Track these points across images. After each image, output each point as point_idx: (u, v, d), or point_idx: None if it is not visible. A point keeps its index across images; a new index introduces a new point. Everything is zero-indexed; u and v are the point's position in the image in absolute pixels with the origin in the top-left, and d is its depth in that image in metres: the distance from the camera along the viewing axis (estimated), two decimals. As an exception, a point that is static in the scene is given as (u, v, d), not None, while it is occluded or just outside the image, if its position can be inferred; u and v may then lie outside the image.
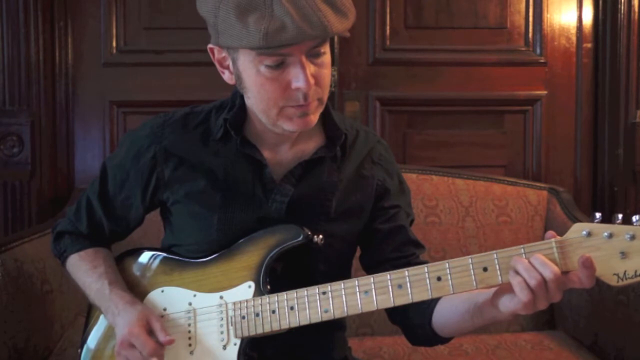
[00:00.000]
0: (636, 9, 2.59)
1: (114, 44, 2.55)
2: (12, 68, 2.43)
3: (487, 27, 2.65)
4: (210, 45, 1.34)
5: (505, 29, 2.66)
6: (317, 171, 1.41)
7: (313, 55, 1.26)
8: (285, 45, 1.19)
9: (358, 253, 1.52)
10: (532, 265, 1.13)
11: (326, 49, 1.29)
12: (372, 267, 1.44)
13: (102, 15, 2.53)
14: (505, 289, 1.18)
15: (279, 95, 1.27)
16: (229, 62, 1.33)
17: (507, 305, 1.17)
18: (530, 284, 1.12)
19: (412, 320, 1.40)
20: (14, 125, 2.43)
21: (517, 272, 1.14)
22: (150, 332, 1.33)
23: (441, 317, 1.35)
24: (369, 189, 1.46)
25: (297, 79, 1.24)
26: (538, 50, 2.67)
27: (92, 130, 2.56)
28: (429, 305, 1.36)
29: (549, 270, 1.12)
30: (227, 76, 1.36)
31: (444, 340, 1.40)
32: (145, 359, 1.30)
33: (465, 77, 2.64)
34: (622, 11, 2.59)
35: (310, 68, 1.25)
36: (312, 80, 1.25)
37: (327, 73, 1.30)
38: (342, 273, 1.45)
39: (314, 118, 1.32)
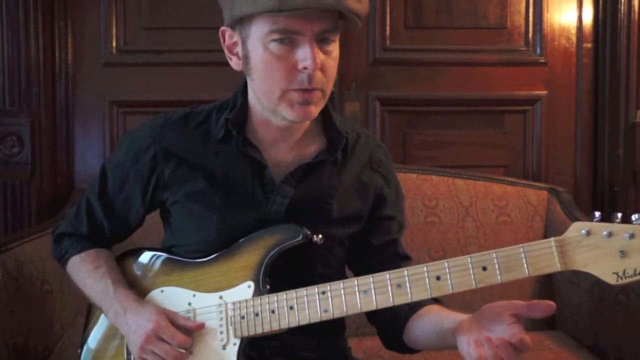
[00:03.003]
0: (636, 9, 2.59)
1: (114, 44, 2.55)
2: (12, 68, 2.43)
3: (487, 27, 2.65)
4: (222, 28, 1.35)
5: (505, 29, 2.66)
6: (317, 174, 1.41)
7: (322, 41, 1.27)
8: (298, 9, 1.20)
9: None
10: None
11: (335, 39, 1.30)
12: (357, 274, 1.43)
13: (102, 15, 2.53)
14: (465, 329, 1.18)
15: (284, 76, 1.27)
16: (238, 48, 1.33)
17: (461, 348, 1.18)
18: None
19: (388, 326, 1.42)
20: (14, 125, 2.43)
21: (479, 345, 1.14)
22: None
23: (411, 332, 1.37)
24: (368, 196, 1.46)
25: (305, 58, 1.25)
26: (538, 50, 2.67)
27: (92, 130, 2.56)
28: (403, 317, 1.37)
29: None
30: (234, 62, 1.37)
31: (413, 351, 1.42)
32: (173, 351, 1.31)
33: (465, 77, 2.64)
34: (622, 11, 2.58)
35: (319, 54, 1.26)
36: (319, 62, 1.26)
37: (333, 65, 1.31)
38: (340, 275, 1.45)
39: (315, 110, 1.32)
